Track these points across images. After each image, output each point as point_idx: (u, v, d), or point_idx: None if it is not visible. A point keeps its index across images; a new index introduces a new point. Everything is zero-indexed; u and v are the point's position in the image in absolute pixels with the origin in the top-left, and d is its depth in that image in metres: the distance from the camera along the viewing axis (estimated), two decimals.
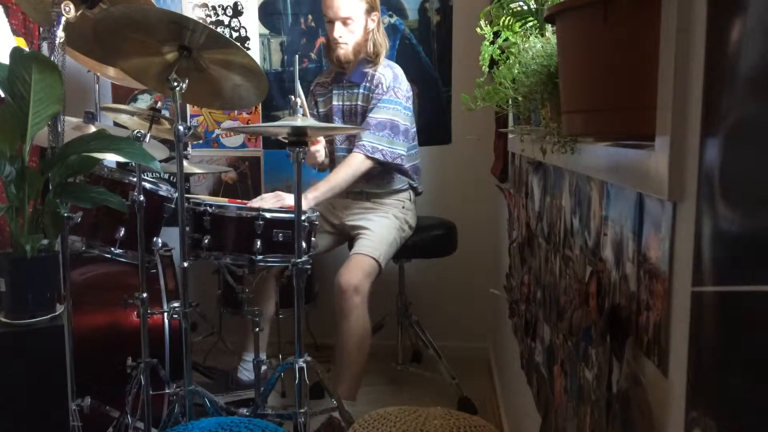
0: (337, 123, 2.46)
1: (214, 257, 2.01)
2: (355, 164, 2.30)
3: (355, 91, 2.42)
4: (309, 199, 2.22)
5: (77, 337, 1.75)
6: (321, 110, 2.54)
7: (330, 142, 2.52)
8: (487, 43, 1.28)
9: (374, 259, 2.24)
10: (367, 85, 2.39)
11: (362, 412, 1.57)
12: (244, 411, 1.92)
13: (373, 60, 2.38)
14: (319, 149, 2.40)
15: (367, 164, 2.31)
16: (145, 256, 1.86)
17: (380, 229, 2.35)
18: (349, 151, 2.42)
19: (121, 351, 1.95)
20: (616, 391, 0.80)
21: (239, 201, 2.33)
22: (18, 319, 1.34)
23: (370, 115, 2.33)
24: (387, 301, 2.64)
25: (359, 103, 2.42)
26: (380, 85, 2.35)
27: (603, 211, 0.90)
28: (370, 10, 2.35)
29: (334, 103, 2.47)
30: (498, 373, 2.61)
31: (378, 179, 2.43)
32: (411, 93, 2.45)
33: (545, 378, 1.32)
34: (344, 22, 2.31)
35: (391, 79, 2.37)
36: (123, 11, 1.63)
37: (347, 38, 2.34)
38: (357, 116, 2.43)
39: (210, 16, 2.98)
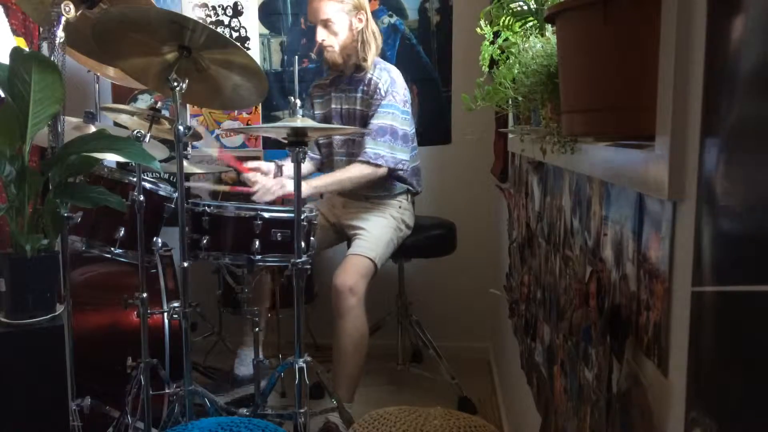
0: None
1: (212, 257, 2.01)
2: (361, 172, 2.29)
3: (353, 95, 2.41)
4: (310, 186, 2.22)
5: (77, 337, 1.75)
6: (317, 112, 2.52)
7: (328, 145, 2.51)
8: (487, 43, 1.28)
9: (370, 259, 2.24)
10: (364, 88, 2.37)
11: (362, 412, 1.58)
12: (244, 411, 1.92)
13: (361, 64, 2.34)
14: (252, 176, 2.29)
15: (376, 172, 2.29)
16: (145, 256, 1.86)
17: (377, 229, 2.35)
18: (349, 155, 2.42)
19: (121, 351, 1.95)
20: (616, 391, 0.80)
21: (241, 188, 2.32)
22: (18, 319, 1.34)
23: (372, 121, 2.31)
24: (387, 301, 2.64)
25: (357, 107, 2.41)
26: (378, 90, 2.32)
27: (603, 211, 0.90)
28: (354, 11, 2.29)
29: (333, 106, 2.46)
30: (498, 373, 2.61)
31: (376, 186, 2.40)
32: (409, 96, 2.41)
33: (545, 378, 1.32)
34: (325, 24, 2.29)
35: (389, 83, 2.33)
36: (123, 11, 1.63)
37: (331, 41, 2.31)
38: (356, 120, 2.41)
39: (210, 16, 2.98)
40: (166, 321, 2.03)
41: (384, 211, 2.42)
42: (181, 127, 1.68)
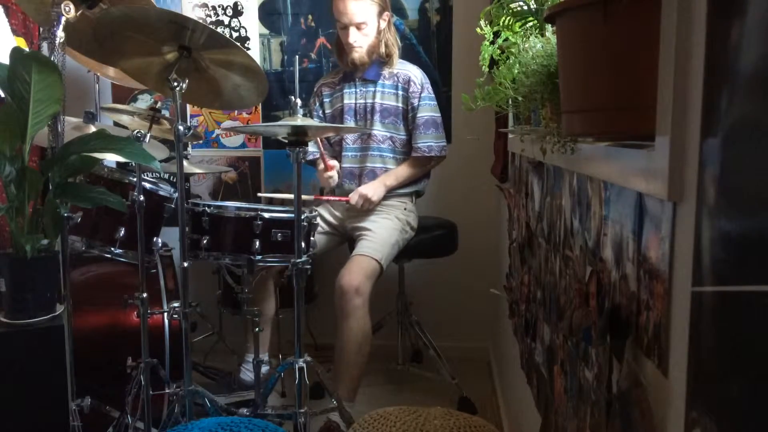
0: (349, 122, 2.47)
1: (213, 257, 2.01)
2: (419, 165, 2.48)
3: (370, 89, 2.45)
4: (385, 186, 2.41)
5: (77, 337, 1.75)
6: (327, 111, 2.54)
7: (339, 142, 2.52)
8: (487, 43, 1.28)
9: (376, 260, 2.24)
10: (394, 83, 2.43)
11: (362, 412, 1.58)
12: (244, 411, 1.92)
13: (385, 60, 2.42)
14: (333, 175, 2.41)
15: (429, 163, 2.50)
16: (145, 256, 1.86)
17: (382, 230, 2.35)
18: (361, 150, 2.47)
19: (121, 351, 1.95)
20: (616, 391, 0.80)
21: (330, 197, 2.47)
22: (18, 319, 1.34)
23: (417, 115, 2.43)
24: (387, 301, 2.64)
25: (376, 101, 2.44)
26: (413, 84, 2.43)
27: (603, 211, 0.90)
28: (381, 12, 2.37)
29: (346, 102, 2.48)
30: (498, 373, 2.61)
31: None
32: None
33: (545, 378, 1.32)
34: (358, 26, 2.33)
35: (421, 76, 2.47)
36: (123, 11, 1.63)
37: (361, 42, 2.36)
38: (374, 113, 2.44)
39: (210, 16, 2.98)
40: (166, 321, 2.03)
41: (389, 212, 2.43)
42: (181, 127, 1.68)
